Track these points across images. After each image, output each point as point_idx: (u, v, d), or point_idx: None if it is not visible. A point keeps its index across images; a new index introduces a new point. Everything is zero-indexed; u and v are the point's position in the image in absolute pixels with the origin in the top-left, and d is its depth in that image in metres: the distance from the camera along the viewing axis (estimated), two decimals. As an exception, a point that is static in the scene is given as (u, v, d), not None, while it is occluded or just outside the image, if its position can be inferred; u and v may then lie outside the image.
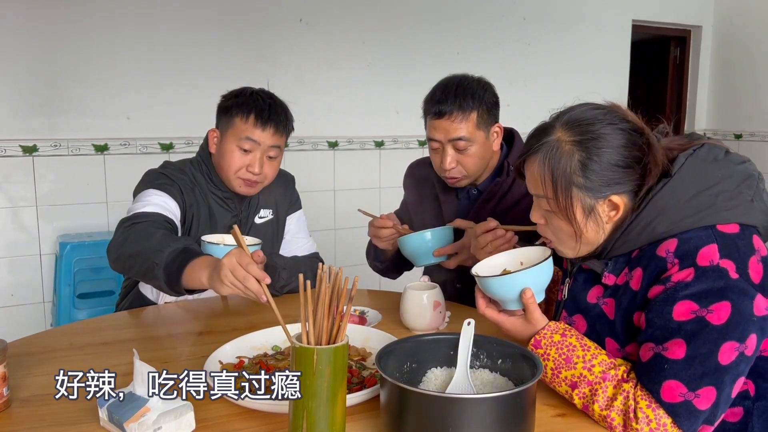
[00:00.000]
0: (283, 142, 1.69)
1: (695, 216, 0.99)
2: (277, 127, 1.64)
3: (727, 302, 0.93)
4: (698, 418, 0.94)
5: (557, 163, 1.05)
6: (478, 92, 1.56)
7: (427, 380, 1.04)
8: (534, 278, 1.10)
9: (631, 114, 1.08)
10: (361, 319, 1.50)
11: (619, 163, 1.03)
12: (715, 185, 1.02)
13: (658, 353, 0.97)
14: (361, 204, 1.73)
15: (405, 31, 3.74)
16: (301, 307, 0.88)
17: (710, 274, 0.95)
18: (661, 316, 0.97)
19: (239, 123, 1.62)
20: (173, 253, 1.35)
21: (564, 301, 1.19)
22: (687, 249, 0.97)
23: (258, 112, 1.62)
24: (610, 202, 1.05)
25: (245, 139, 1.62)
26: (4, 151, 2.92)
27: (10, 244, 2.97)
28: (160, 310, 1.64)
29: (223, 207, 1.72)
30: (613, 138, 1.03)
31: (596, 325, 1.11)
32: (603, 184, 1.04)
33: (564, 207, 1.06)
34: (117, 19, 3.05)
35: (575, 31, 4.27)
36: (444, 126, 1.56)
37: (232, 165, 1.64)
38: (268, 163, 1.67)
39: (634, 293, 1.04)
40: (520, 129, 1.67)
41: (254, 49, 3.36)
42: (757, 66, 4.51)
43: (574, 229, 1.07)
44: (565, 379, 1.03)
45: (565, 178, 1.04)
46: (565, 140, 1.05)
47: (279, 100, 1.71)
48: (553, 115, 1.11)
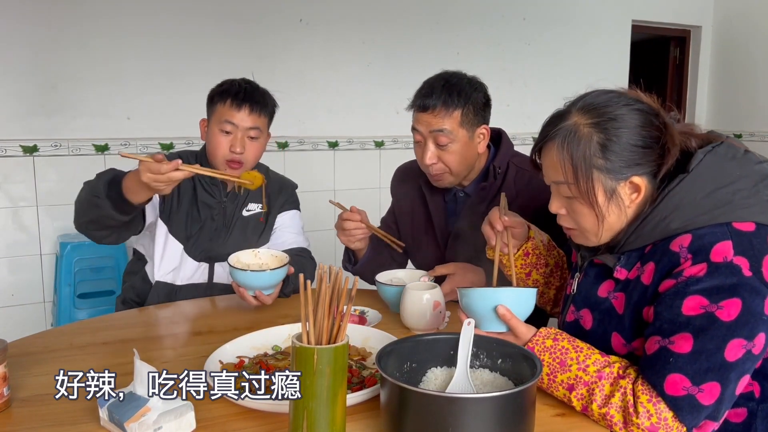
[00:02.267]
0: (263, 123, 1.77)
1: (711, 213, 0.99)
2: (252, 107, 1.72)
3: (738, 299, 0.92)
4: (701, 413, 0.94)
5: (576, 147, 1.04)
6: (467, 90, 1.55)
7: (427, 380, 1.04)
8: (511, 298, 1.13)
9: (645, 96, 1.08)
10: (361, 319, 1.50)
11: (638, 143, 1.03)
12: (733, 183, 1.01)
13: (664, 346, 0.96)
14: (362, 204, 1.73)
15: (405, 31, 3.74)
16: (302, 307, 0.88)
17: (723, 270, 0.94)
18: (670, 310, 0.97)
19: (220, 108, 1.72)
20: (106, 183, 1.51)
21: (573, 295, 1.19)
22: (701, 244, 0.97)
23: (234, 94, 1.72)
24: (632, 183, 1.05)
25: (225, 122, 1.70)
26: (4, 151, 2.92)
27: (10, 244, 2.97)
28: (160, 310, 1.64)
29: (207, 192, 1.80)
30: (630, 118, 1.04)
31: (604, 320, 1.11)
32: (623, 165, 1.03)
33: (585, 191, 1.05)
34: (117, 19, 3.05)
35: (575, 31, 4.27)
36: (426, 119, 1.55)
37: (218, 148, 1.72)
38: (249, 144, 1.74)
39: (645, 287, 1.03)
40: (520, 129, 1.67)
41: (254, 49, 3.36)
42: (757, 66, 4.51)
43: (596, 213, 1.06)
44: (561, 383, 1.03)
45: (585, 161, 1.04)
46: (583, 123, 1.05)
47: (257, 86, 1.79)
48: (567, 102, 1.11)
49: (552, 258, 1.37)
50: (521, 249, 1.34)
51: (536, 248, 1.35)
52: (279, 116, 1.86)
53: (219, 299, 1.72)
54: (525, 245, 1.33)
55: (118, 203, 1.51)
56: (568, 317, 1.19)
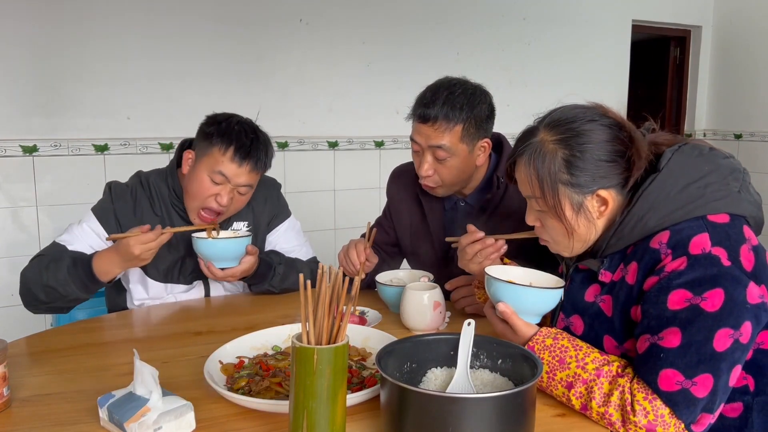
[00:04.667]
0: (256, 180, 1.64)
1: (685, 208, 1.01)
2: (255, 166, 1.58)
3: (720, 289, 0.94)
4: (696, 407, 0.94)
5: (542, 163, 1.08)
6: (470, 102, 1.47)
7: (427, 380, 1.04)
8: (537, 297, 1.12)
9: (611, 110, 1.10)
10: (361, 319, 1.50)
11: (603, 157, 1.05)
12: (703, 177, 1.04)
13: (654, 343, 0.98)
14: (361, 203, 1.72)
15: (405, 31, 3.74)
16: (302, 307, 0.88)
17: (702, 261, 0.96)
18: (656, 307, 0.98)
19: (217, 153, 1.56)
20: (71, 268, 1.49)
21: (560, 303, 1.19)
22: (679, 239, 0.99)
23: (238, 146, 1.55)
24: (598, 196, 1.08)
25: (218, 173, 1.56)
26: (4, 151, 2.92)
27: (10, 244, 2.97)
28: (160, 310, 1.64)
29: (184, 219, 1.67)
30: (595, 134, 1.06)
31: (594, 324, 1.12)
32: (589, 180, 1.06)
33: (553, 205, 1.08)
34: (117, 19, 3.05)
35: (575, 31, 4.27)
36: (426, 131, 1.48)
37: (200, 192, 1.58)
38: (237, 198, 1.62)
39: (630, 287, 1.05)
40: (520, 129, 1.65)
41: (254, 49, 3.36)
42: (757, 66, 4.51)
43: (566, 226, 1.10)
44: (561, 381, 1.04)
45: (551, 177, 1.07)
46: (548, 140, 1.08)
47: (263, 136, 1.63)
48: (537, 119, 1.14)
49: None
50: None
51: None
52: (279, 116, 1.86)
53: (219, 299, 1.72)
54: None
55: (87, 285, 1.51)
56: (558, 325, 1.20)
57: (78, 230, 1.63)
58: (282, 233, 1.82)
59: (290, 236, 1.83)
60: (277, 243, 1.81)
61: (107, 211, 1.64)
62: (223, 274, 1.58)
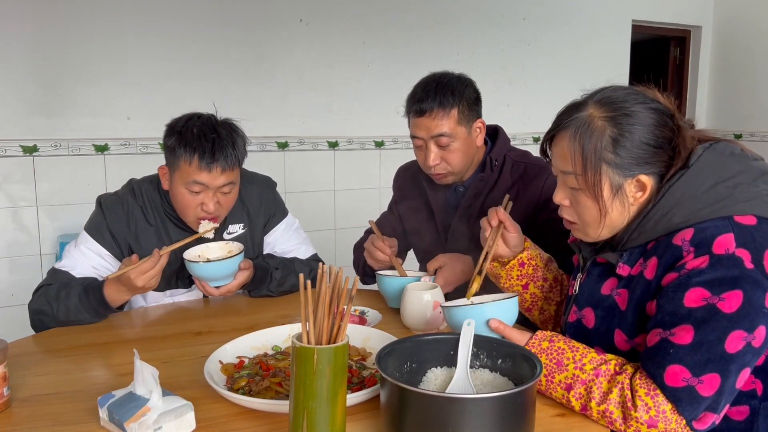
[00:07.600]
0: (236, 175, 1.58)
1: (712, 206, 1.00)
2: (224, 166, 1.52)
3: (740, 291, 0.93)
4: (700, 405, 0.94)
5: (588, 138, 1.05)
6: (458, 88, 1.58)
7: (427, 380, 1.04)
8: (494, 311, 1.13)
9: (662, 96, 1.08)
10: (361, 319, 1.50)
11: (650, 141, 1.04)
12: (733, 177, 1.02)
13: (665, 338, 0.97)
14: (361, 203, 1.73)
15: (405, 31, 3.74)
16: (302, 307, 0.88)
17: (725, 262, 0.95)
18: (672, 302, 0.97)
19: (184, 165, 1.51)
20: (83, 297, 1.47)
21: (575, 295, 1.19)
22: (703, 237, 0.98)
23: (201, 153, 1.50)
24: (638, 181, 1.06)
25: (193, 183, 1.52)
26: (4, 151, 2.92)
27: (10, 244, 2.97)
28: (160, 310, 1.64)
29: (179, 227, 1.65)
30: (644, 116, 1.04)
31: (606, 317, 1.11)
32: (633, 162, 1.04)
33: (592, 183, 1.06)
34: (117, 19, 3.05)
35: (575, 31, 4.27)
36: (425, 123, 1.58)
37: (185, 206, 1.56)
38: (223, 198, 1.58)
39: (648, 282, 1.04)
40: (520, 129, 1.67)
41: (254, 49, 3.36)
42: (757, 66, 4.51)
43: (600, 207, 1.07)
44: (559, 383, 1.03)
45: (596, 154, 1.04)
46: (598, 116, 1.06)
47: (225, 130, 1.55)
48: (584, 94, 1.11)
49: (550, 272, 1.38)
50: (516, 258, 1.34)
51: (532, 259, 1.35)
52: (279, 116, 1.85)
53: (219, 299, 1.72)
54: (520, 255, 1.34)
55: (99, 312, 1.49)
56: (570, 318, 1.20)
57: (77, 254, 1.59)
58: (280, 233, 1.81)
59: (288, 236, 1.82)
60: (275, 244, 1.80)
61: (100, 226, 1.61)
62: (218, 292, 1.59)
